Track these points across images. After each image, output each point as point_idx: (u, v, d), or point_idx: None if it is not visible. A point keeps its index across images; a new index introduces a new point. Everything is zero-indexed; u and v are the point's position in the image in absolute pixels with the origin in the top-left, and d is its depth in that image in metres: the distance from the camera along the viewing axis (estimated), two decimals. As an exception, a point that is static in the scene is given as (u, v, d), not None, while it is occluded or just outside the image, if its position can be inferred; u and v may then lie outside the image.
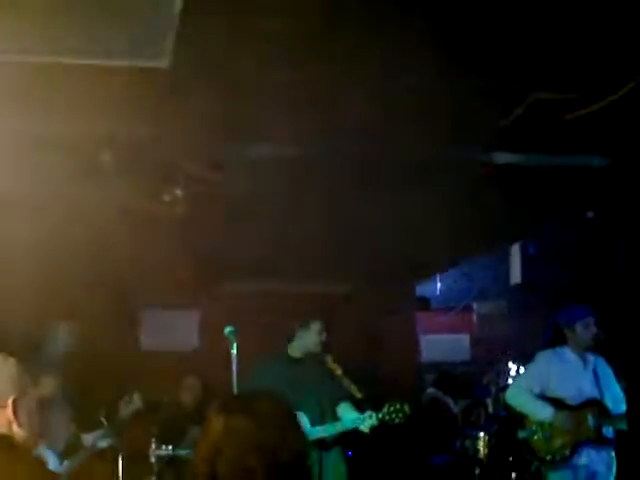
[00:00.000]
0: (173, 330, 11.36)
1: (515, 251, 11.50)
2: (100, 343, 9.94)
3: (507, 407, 8.23)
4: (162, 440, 8.31)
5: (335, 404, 7.39)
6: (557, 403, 7.55)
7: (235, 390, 7.01)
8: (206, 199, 8.71)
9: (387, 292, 11.74)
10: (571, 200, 7.83)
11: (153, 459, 8.22)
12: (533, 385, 7.65)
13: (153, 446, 8.21)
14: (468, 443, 9.66)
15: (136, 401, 7.71)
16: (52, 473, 4.40)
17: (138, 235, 9.91)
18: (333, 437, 7.28)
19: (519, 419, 7.77)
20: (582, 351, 7.69)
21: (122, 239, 9.68)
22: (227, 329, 7.16)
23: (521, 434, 7.74)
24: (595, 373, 7.65)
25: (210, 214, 9.06)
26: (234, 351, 7.04)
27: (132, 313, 11.16)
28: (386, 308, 11.95)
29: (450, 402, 11.70)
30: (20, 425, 3.22)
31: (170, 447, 8.38)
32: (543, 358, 7.79)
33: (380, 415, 7.07)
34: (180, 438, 8.69)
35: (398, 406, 7.11)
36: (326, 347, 7.63)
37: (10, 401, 3.21)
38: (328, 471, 7.24)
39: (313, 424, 7.21)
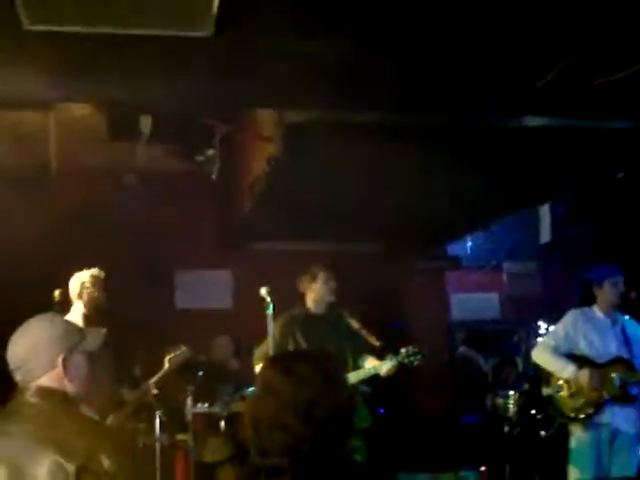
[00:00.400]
0: (206, 290, 11.48)
1: (545, 211, 11.57)
2: (136, 302, 10.08)
3: (536, 366, 8.27)
4: (197, 398, 8.49)
5: (357, 356, 7.51)
6: (584, 361, 7.57)
7: (271, 349, 7.16)
8: (236, 161, 8.84)
9: (419, 251, 11.83)
10: (601, 161, 7.87)
11: (189, 416, 8.41)
12: (560, 344, 7.68)
13: (189, 403, 8.38)
14: (498, 401, 9.72)
15: (185, 352, 7.89)
16: (103, 425, 4.58)
17: (170, 198, 10.08)
18: (355, 385, 7.39)
19: (545, 377, 7.84)
20: (611, 310, 7.71)
21: (153, 202, 9.87)
22: (263, 289, 7.27)
23: (545, 391, 7.80)
24: (624, 332, 7.66)
25: (239, 177, 9.18)
26: (270, 311, 7.16)
27: (166, 274, 11.28)
28: (418, 266, 12.04)
29: (481, 360, 11.79)
30: (71, 380, 3.38)
31: (205, 404, 8.55)
32: (571, 317, 7.81)
33: (399, 358, 7.21)
34: (214, 396, 8.84)
35: (415, 348, 7.25)
36: (342, 301, 7.78)
37: (60, 359, 3.37)
38: None
39: None
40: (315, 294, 7.70)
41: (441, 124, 6.67)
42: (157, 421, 8.06)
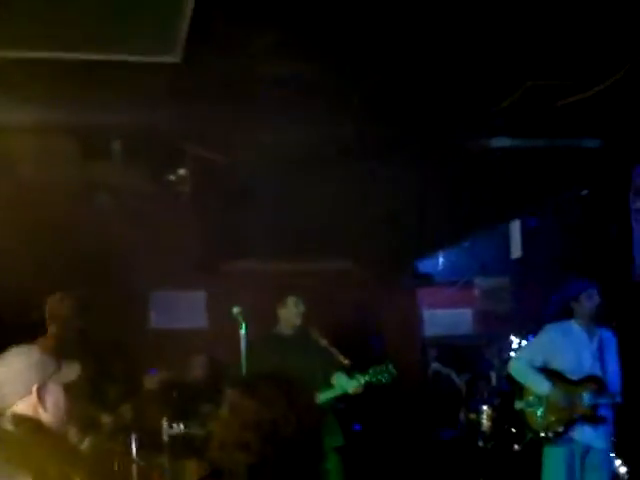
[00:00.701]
0: (181, 309, 11.52)
1: (515, 226, 11.64)
2: (111, 323, 10.08)
3: (510, 380, 8.33)
4: (174, 418, 8.49)
5: (328, 374, 7.59)
6: (557, 376, 7.65)
7: (244, 368, 7.22)
8: (209, 179, 8.88)
9: (388, 268, 11.89)
10: (566, 180, 7.98)
11: (165, 437, 8.41)
12: (536, 357, 7.74)
13: (165, 424, 8.38)
14: (472, 416, 9.80)
15: (163, 374, 7.87)
16: (77, 451, 4.63)
17: (144, 218, 10.08)
18: (326, 404, 7.47)
19: (518, 390, 7.91)
20: (589, 323, 7.78)
21: (128, 223, 9.86)
22: (235, 309, 7.34)
23: (518, 405, 7.86)
24: (600, 347, 7.73)
25: (213, 195, 9.22)
26: (242, 331, 7.22)
27: (141, 294, 11.30)
28: (387, 284, 12.10)
29: (454, 376, 11.86)
30: (45, 409, 3.45)
31: (182, 425, 8.56)
32: (548, 331, 7.86)
33: (367, 377, 7.32)
34: (191, 416, 8.84)
35: (383, 367, 7.36)
36: (311, 321, 7.90)
37: (34, 388, 3.44)
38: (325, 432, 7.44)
39: None
40: (284, 317, 7.85)
41: (409, 144, 6.75)
42: (133, 443, 8.07)
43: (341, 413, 8.02)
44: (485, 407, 9.70)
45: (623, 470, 8.62)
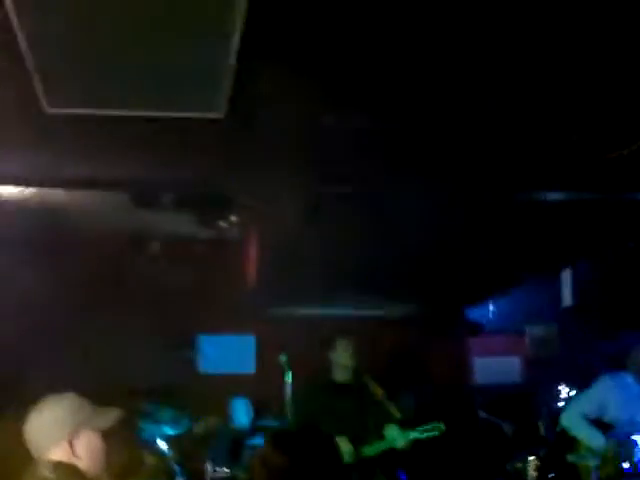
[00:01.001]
0: (230, 354, 11.56)
1: (567, 274, 11.59)
2: (159, 367, 10.17)
3: (558, 430, 8.26)
4: (218, 461, 8.54)
5: (379, 426, 7.56)
6: (612, 430, 7.60)
7: (289, 415, 7.25)
8: (259, 227, 8.97)
9: (438, 316, 11.90)
10: (615, 232, 7.98)
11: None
12: (590, 409, 7.70)
13: (209, 467, 8.45)
14: (519, 466, 9.71)
15: (211, 422, 7.86)
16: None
17: (193, 263, 10.18)
18: (373, 457, 7.45)
19: (570, 443, 7.83)
20: None
21: (179, 269, 9.96)
22: (282, 357, 7.39)
23: (570, 458, 7.80)
24: None
25: (263, 242, 9.30)
26: (288, 379, 7.26)
27: (190, 338, 11.37)
28: (437, 332, 12.09)
29: (503, 425, 11.77)
30: (79, 457, 3.54)
31: (225, 469, 8.61)
32: (602, 383, 7.83)
33: (416, 434, 7.29)
34: (235, 459, 8.88)
35: (434, 424, 7.34)
36: (367, 369, 7.87)
37: (66, 438, 3.55)
38: None
39: (357, 448, 7.40)
40: (335, 362, 7.80)
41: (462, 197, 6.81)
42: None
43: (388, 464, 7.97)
44: (531, 457, 9.60)
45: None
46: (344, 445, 7.29)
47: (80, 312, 9.16)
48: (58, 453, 3.55)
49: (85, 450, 3.61)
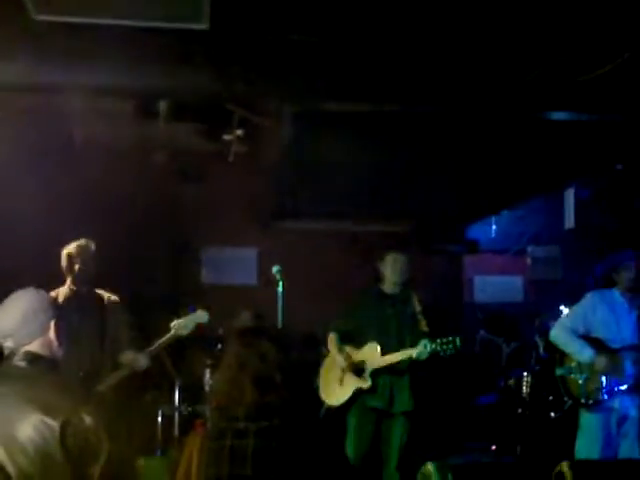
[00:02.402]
0: (232, 266, 11.70)
1: (569, 197, 11.65)
2: (163, 277, 10.36)
3: (550, 347, 8.37)
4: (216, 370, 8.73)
5: (415, 340, 7.73)
6: (598, 344, 7.71)
7: (280, 325, 7.45)
8: (262, 141, 9.06)
9: (438, 233, 11.98)
10: (604, 153, 8.07)
11: (207, 388, 8.66)
12: (578, 325, 7.78)
13: (208, 375, 8.64)
14: (511, 382, 9.88)
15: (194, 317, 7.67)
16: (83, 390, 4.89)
17: (197, 176, 10.31)
18: (399, 365, 7.72)
19: (559, 357, 7.97)
20: (630, 294, 7.87)
21: (182, 182, 10.09)
22: (274, 268, 7.57)
23: (558, 371, 7.90)
24: None
25: (267, 155, 9.41)
26: (279, 289, 7.43)
27: (194, 250, 11.51)
28: (436, 248, 12.18)
29: (502, 343, 11.90)
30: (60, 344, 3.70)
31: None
32: (590, 298, 7.92)
33: (433, 346, 7.46)
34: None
35: (450, 338, 7.50)
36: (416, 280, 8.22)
37: (52, 323, 3.69)
38: (397, 395, 7.83)
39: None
40: (384, 275, 8.00)
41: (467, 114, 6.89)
42: (177, 391, 8.36)
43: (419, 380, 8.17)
44: (525, 374, 9.76)
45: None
46: (373, 351, 7.69)
47: (78, 223, 9.26)
48: (36, 345, 3.61)
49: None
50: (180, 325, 6.79)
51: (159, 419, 8.61)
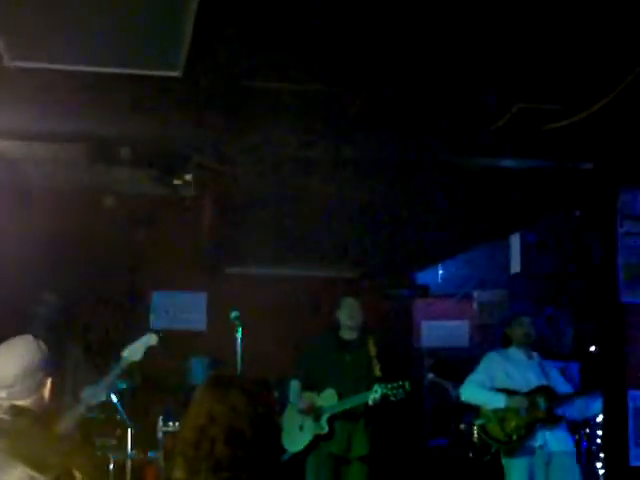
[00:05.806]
0: (182, 311, 11.63)
1: (515, 241, 11.74)
2: (112, 323, 10.27)
3: (464, 405, 8.55)
4: (169, 417, 8.68)
5: (370, 384, 7.79)
6: (507, 392, 7.90)
7: (239, 370, 7.45)
8: (214, 185, 9.06)
9: (387, 279, 12.05)
10: (560, 200, 8.17)
11: (160, 434, 8.60)
12: (484, 380, 8.00)
13: (160, 422, 8.59)
14: (462, 427, 9.94)
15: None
16: (74, 442, 4.81)
17: (148, 221, 10.27)
18: (355, 410, 7.92)
19: (475, 410, 8.14)
20: (525, 348, 8.15)
21: (131, 225, 10.04)
22: (233, 314, 7.60)
23: (478, 422, 8.13)
24: (541, 366, 8.12)
25: (218, 200, 9.40)
26: (239, 335, 7.45)
27: (142, 295, 11.42)
28: (385, 294, 12.23)
29: (449, 387, 11.96)
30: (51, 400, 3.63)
31: (177, 423, 8.73)
32: (489, 357, 8.19)
33: (384, 390, 7.54)
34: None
35: (400, 383, 7.60)
36: (368, 325, 8.38)
37: (49, 381, 3.63)
38: (354, 441, 8.00)
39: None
40: (340, 319, 8.12)
41: (409, 161, 6.95)
42: (129, 437, 8.28)
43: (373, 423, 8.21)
44: (478, 421, 9.84)
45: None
46: (331, 397, 7.91)
47: (25, 271, 9.16)
48: (29, 401, 3.53)
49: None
50: (132, 351, 6.70)
51: (111, 466, 8.51)
